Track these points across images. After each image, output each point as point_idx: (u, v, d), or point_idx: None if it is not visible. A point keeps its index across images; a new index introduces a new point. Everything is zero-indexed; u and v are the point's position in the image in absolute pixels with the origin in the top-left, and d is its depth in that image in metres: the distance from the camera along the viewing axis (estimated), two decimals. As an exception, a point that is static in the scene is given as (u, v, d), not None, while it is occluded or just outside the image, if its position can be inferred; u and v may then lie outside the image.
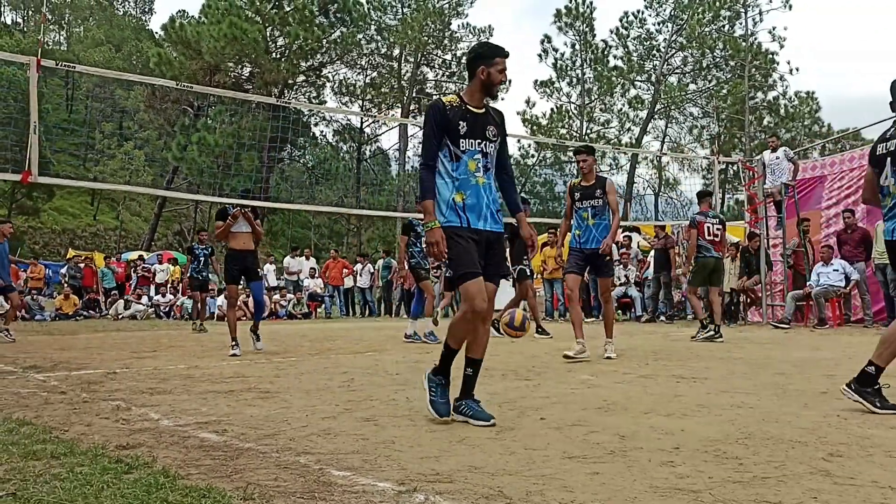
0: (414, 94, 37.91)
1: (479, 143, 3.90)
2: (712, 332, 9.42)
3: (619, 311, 16.40)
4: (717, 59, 36.59)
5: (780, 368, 6.09)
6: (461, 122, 3.87)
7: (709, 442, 3.24)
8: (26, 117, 7.05)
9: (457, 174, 3.86)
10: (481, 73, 3.95)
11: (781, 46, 33.89)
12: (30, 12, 72.83)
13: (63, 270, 20.84)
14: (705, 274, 9.82)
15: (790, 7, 32.35)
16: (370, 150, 41.65)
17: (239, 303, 8.83)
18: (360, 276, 20.72)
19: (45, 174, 8.60)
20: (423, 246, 9.49)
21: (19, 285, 18.21)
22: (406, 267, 10.06)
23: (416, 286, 10.17)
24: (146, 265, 22.88)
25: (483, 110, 3.98)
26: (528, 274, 10.54)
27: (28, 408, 4.32)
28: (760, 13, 33.02)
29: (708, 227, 9.74)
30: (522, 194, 29.33)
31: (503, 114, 4.11)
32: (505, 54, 4.00)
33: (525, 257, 10.40)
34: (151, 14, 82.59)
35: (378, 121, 39.80)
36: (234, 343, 8.00)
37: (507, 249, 10.35)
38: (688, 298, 10.74)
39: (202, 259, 13.59)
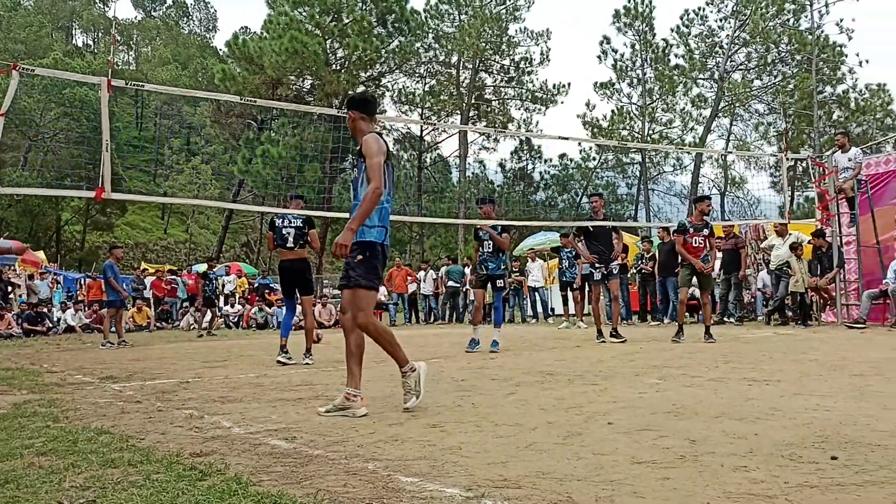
0: (473, 101, 37.97)
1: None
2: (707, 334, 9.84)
3: (688, 314, 16.10)
4: (783, 54, 35.64)
5: (857, 369, 5.88)
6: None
7: (783, 446, 3.16)
8: (99, 136, 7.29)
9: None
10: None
11: (850, 38, 32.86)
12: (100, 34, 75.63)
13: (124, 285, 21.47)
14: (690, 277, 10.16)
15: (856, -2, 31.38)
16: (431, 158, 41.86)
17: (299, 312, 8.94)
18: (424, 282, 20.82)
19: (117, 190, 8.86)
20: (487, 253, 9.48)
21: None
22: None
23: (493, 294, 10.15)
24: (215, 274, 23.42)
25: None
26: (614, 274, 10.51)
27: (105, 417, 4.46)
28: (826, 5, 32.02)
29: (692, 241, 10.08)
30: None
31: None
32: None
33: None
34: (215, 31, 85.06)
35: (438, 128, 39.98)
36: (281, 352, 8.20)
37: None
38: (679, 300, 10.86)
39: (214, 281, 17.20)
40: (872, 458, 2.87)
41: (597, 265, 10.34)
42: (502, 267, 9.51)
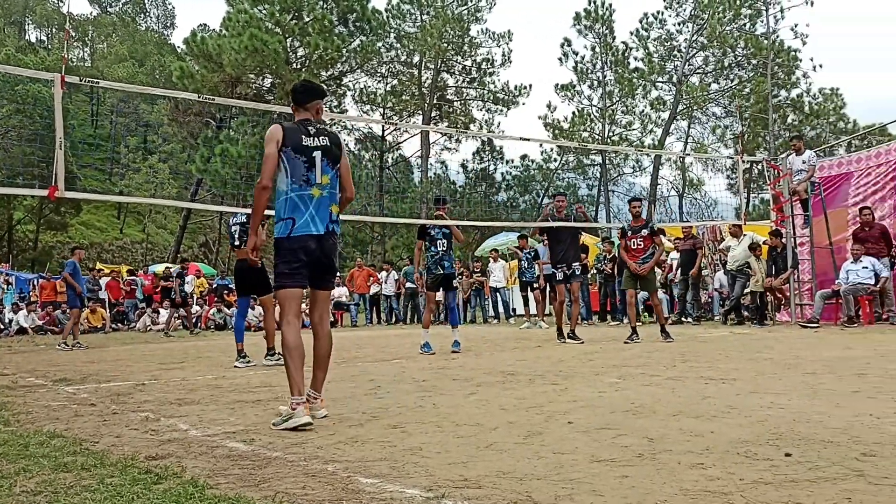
0: (435, 101, 37.98)
1: None
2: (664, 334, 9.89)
3: (646, 314, 16.30)
4: (739, 58, 36.30)
5: (810, 368, 6.00)
6: None
7: (739, 443, 3.20)
8: (52, 133, 7.14)
9: None
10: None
11: (804, 43, 33.60)
12: (53, 30, 74.10)
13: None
14: (634, 279, 10.19)
15: (811, 3, 32.02)
16: (392, 158, 41.76)
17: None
18: (386, 283, 20.77)
19: (71, 189, 8.69)
20: (437, 252, 9.42)
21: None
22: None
23: (445, 294, 10.11)
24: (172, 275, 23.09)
25: None
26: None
27: (58, 420, 4.37)
28: (782, 10, 32.71)
29: (630, 244, 10.17)
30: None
31: None
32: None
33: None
34: (173, 29, 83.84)
35: (399, 128, 39.90)
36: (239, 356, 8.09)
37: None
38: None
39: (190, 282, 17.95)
40: (825, 454, 2.93)
41: (558, 265, 10.26)
42: (454, 266, 9.51)
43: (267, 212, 4.62)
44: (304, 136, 4.24)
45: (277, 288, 4.25)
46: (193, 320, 20.00)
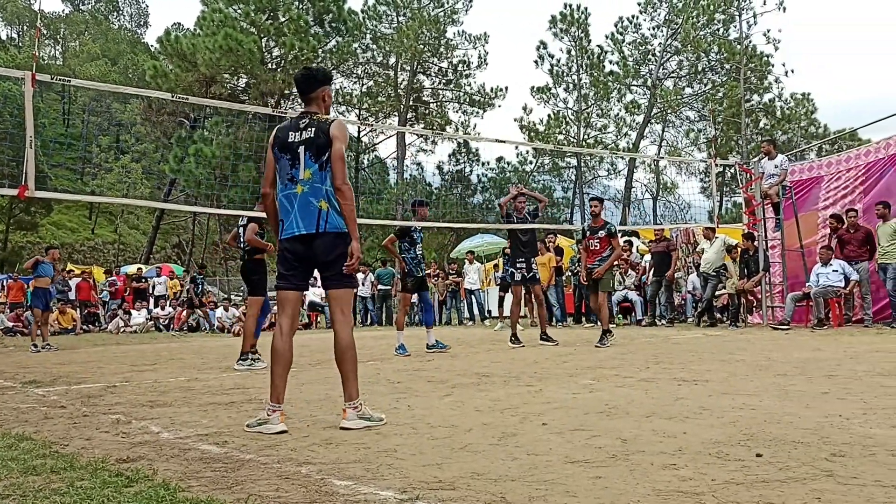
0: (411, 103, 37.96)
1: None
2: (602, 337, 9.64)
3: (620, 316, 16.40)
4: (713, 63, 36.68)
5: (781, 370, 6.08)
6: None
7: (711, 444, 3.23)
8: (22, 132, 7.04)
9: None
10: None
11: (776, 48, 34.04)
12: (24, 27, 72.97)
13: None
14: (590, 280, 9.96)
15: (784, 9, 32.41)
16: (368, 159, 41.67)
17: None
18: (362, 285, 20.68)
19: (42, 188, 8.58)
20: (418, 253, 9.46)
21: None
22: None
23: (420, 295, 10.09)
24: (144, 277, 22.91)
25: None
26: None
27: (28, 423, 4.31)
28: (755, 16, 33.07)
29: (589, 244, 9.97)
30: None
31: None
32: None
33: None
34: (147, 27, 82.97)
35: (375, 129, 39.84)
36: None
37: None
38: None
39: (200, 285, 17.41)
40: (795, 455, 2.97)
41: (518, 265, 10.08)
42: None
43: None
44: (291, 133, 4.08)
45: (274, 289, 4.25)
46: (166, 322, 19.83)
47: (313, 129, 4.04)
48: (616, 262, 10.87)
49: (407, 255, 9.39)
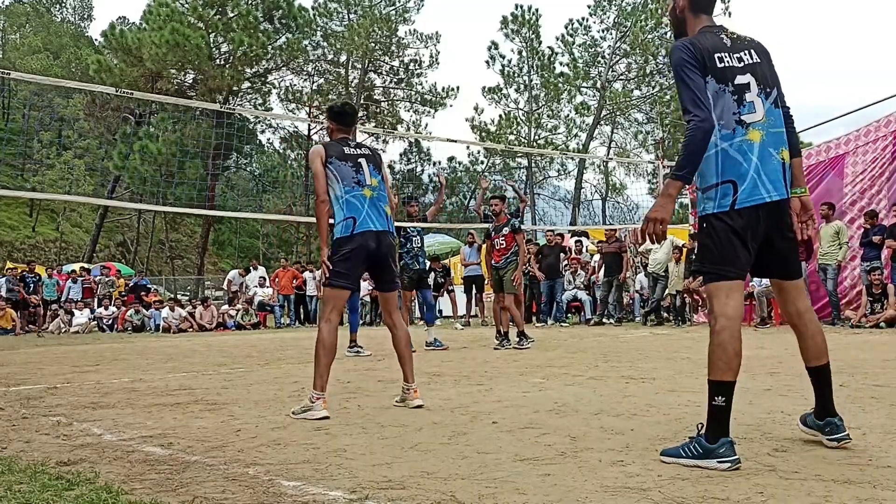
0: (362, 101, 37.79)
1: None
2: (519, 339, 9.26)
3: (569, 315, 16.55)
4: (661, 66, 37.26)
5: (726, 367, 6.18)
6: None
7: (658, 441, 3.28)
8: (-41, 126, 6.83)
9: None
10: None
11: (723, 53, 34.64)
12: (-38, 19, 70.71)
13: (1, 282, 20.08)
14: (498, 281, 9.54)
15: (729, 14, 33.17)
16: (318, 158, 41.33)
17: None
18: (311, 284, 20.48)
19: (-21, 184, 8.33)
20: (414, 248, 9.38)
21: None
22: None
23: (421, 293, 9.99)
24: (92, 276, 22.36)
25: None
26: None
27: (-37, 426, 4.16)
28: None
29: (495, 243, 9.56)
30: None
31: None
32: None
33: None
34: (90, 21, 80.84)
35: (325, 127, 39.51)
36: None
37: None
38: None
39: None
40: (739, 451, 3.02)
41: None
42: (426, 263, 9.52)
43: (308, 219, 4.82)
44: (346, 148, 4.59)
45: (327, 285, 4.42)
46: (109, 322, 19.39)
47: (366, 149, 4.72)
48: (524, 263, 10.30)
49: (401, 251, 9.26)
